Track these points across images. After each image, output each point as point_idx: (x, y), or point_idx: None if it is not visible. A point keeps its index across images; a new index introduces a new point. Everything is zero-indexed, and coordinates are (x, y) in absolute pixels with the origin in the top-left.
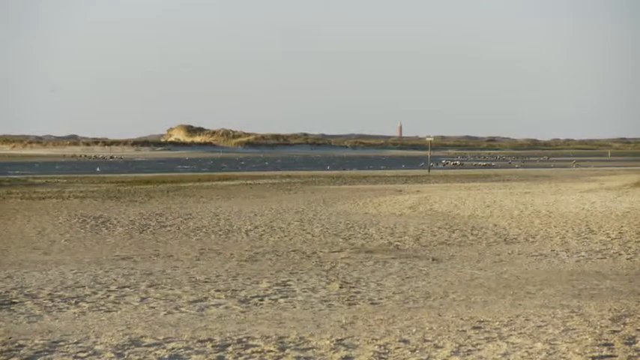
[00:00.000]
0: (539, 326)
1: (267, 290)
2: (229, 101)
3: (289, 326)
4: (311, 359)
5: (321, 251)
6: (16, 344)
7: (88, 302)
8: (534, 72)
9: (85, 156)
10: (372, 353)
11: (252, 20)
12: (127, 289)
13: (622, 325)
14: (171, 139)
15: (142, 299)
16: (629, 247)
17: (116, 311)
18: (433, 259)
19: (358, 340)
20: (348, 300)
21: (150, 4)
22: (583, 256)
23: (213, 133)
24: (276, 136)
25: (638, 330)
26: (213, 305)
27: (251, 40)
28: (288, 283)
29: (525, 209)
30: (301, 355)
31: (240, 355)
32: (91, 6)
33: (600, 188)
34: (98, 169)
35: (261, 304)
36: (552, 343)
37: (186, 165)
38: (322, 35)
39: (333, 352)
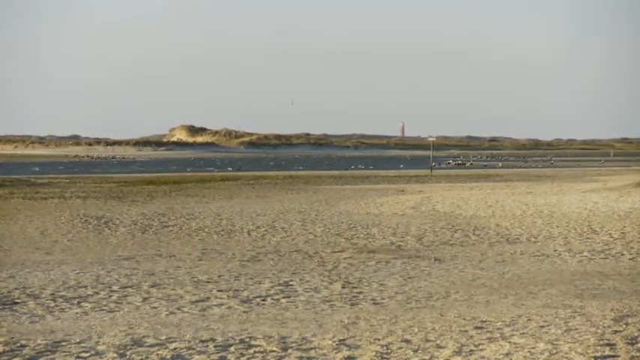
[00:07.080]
0: (542, 326)
1: (269, 290)
2: (231, 101)
3: (291, 326)
4: (313, 359)
5: (323, 251)
6: (19, 344)
7: (90, 302)
8: (535, 72)
9: (88, 156)
10: (374, 353)
11: (254, 20)
12: (130, 289)
13: (624, 325)
14: (174, 139)
15: (144, 299)
16: (632, 247)
17: (118, 311)
18: (435, 259)
19: (360, 340)
20: (350, 300)
21: (152, 4)
22: (585, 256)
23: (216, 133)
24: (279, 136)
25: None
26: (215, 305)
27: (253, 40)
28: (291, 283)
29: (527, 209)
30: (303, 355)
31: (242, 355)
32: (93, 5)
33: (602, 188)
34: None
35: (263, 304)
36: (555, 343)
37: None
38: (324, 35)
39: (336, 352)
